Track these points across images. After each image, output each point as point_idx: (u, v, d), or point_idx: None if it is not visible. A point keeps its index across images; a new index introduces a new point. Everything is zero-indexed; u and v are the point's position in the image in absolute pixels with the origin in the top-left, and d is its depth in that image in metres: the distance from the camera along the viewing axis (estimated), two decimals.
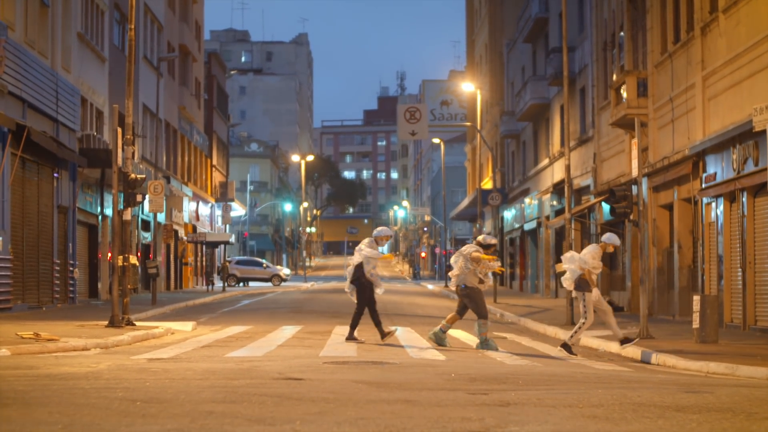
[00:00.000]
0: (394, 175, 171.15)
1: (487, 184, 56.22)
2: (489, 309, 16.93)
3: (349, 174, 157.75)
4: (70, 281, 28.49)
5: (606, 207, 28.35)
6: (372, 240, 16.71)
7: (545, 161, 42.63)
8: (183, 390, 8.68)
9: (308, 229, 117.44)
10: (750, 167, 19.78)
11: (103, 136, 32.25)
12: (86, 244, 32.22)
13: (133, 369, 11.06)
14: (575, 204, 34.22)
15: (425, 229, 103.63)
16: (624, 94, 27.13)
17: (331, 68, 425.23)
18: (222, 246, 57.03)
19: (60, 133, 27.24)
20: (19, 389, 8.59)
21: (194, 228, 52.09)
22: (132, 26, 21.00)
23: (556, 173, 39.37)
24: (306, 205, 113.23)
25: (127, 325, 18.90)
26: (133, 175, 20.33)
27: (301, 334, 18.65)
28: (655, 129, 26.78)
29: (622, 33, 30.01)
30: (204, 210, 57.28)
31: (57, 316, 21.96)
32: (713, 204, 22.36)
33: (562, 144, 37.93)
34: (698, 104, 22.98)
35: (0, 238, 22.48)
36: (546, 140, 43.27)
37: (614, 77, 29.65)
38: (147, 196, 30.46)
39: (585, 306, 15.35)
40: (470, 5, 70.24)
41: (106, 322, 19.01)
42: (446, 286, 54.34)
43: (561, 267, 16.00)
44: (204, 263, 57.78)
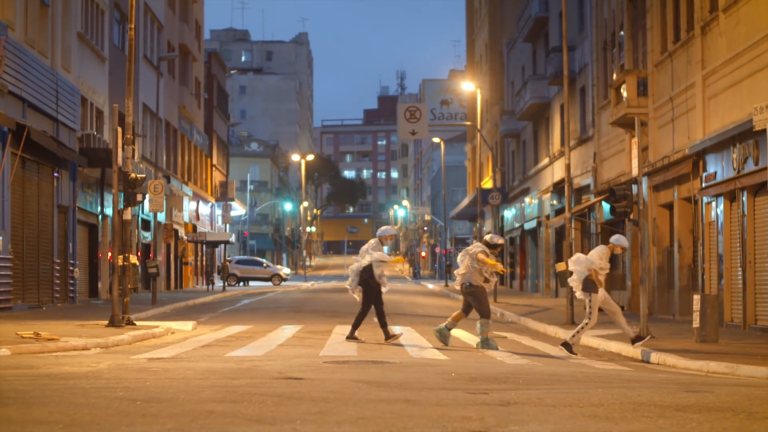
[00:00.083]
0: (394, 175, 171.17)
1: (487, 184, 56.21)
2: (490, 308, 16.96)
3: (349, 173, 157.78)
4: (71, 281, 28.49)
5: (606, 206, 28.31)
6: (377, 241, 16.76)
7: (545, 160, 42.62)
8: (183, 389, 8.68)
9: (308, 229, 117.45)
10: (750, 166, 19.77)
11: (103, 136, 32.24)
12: (86, 244, 32.22)
13: (134, 368, 11.05)
14: (575, 203, 34.20)
15: (425, 229, 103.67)
16: (624, 94, 27.11)
17: (331, 68, 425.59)
18: (222, 245, 57.05)
19: (60, 133, 27.24)
20: (19, 389, 8.59)
21: (194, 227, 52.07)
22: (132, 26, 20.99)
23: (556, 173, 39.36)
24: (306, 205, 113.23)
25: (128, 325, 18.90)
26: (133, 175, 20.33)
27: (302, 334, 18.64)
28: (655, 128, 26.77)
29: (622, 32, 30.00)
30: (204, 209, 57.27)
31: (57, 316, 21.97)
32: (713, 203, 22.34)
33: (562, 143, 37.92)
34: (698, 103, 22.97)
35: (0, 238, 22.48)
36: (546, 139, 43.25)
37: (614, 76, 29.64)
38: (147, 196, 30.48)
39: (590, 307, 15.36)
40: (470, 5, 70.21)
41: (107, 322, 19.01)
42: (447, 286, 54.38)
43: (561, 266, 16.01)
44: (204, 263, 57.76)
